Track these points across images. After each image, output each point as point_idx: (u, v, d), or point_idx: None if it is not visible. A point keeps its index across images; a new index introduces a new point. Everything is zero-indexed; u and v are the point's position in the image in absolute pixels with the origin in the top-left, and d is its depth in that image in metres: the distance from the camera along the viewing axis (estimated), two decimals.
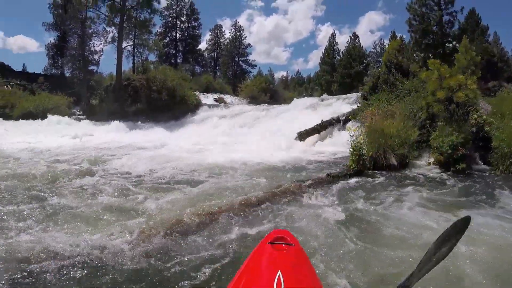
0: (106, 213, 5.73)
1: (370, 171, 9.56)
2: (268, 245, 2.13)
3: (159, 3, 33.68)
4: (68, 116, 26.55)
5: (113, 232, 4.89)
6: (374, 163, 9.86)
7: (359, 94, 20.27)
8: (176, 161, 11.04)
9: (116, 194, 7.00)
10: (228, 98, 38.56)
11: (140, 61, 36.79)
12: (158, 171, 9.34)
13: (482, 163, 10.79)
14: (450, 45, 25.01)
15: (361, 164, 9.30)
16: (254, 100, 35.28)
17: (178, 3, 56.18)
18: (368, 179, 8.79)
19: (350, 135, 9.95)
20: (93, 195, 6.85)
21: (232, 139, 17.32)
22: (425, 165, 10.65)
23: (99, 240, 4.57)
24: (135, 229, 4.98)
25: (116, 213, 5.76)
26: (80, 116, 28.47)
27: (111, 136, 19.46)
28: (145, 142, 17.13)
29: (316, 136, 15.97)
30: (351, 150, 9.56)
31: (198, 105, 30.25)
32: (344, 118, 16.09)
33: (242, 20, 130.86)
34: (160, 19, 51.95)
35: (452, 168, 9.84)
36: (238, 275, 1.91)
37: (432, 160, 10.74)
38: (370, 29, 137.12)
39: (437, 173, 9.81)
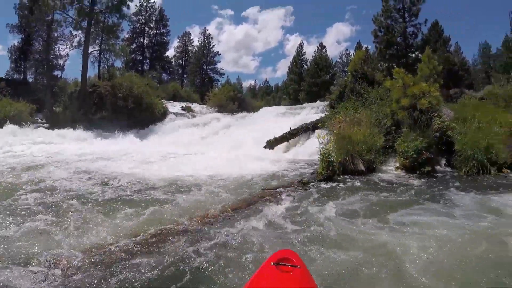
0: (15, 242, 4.84)
1: (339, 176, 9.74)
2: (273, 266, 2.11)
3: (128, 8, 32.97)
4: (21, 126, 25.02)
5: (20, 264, 4.16)
6: (343, 168, 10.07)
7: (326, 102, 20.57)
8: (123, 176, 9.63)
9: (34, 216, 5.96)
10: (195, 106, 38.27)
11: (106, 67, 36.01)
12: (93, 189, 8.11)
13: (447, 166, 11.27)
14: (413, 55, 25.85)
15: (331, 170, 9.46)
16: (222, 108, 35.21)
17: (148, 9, 55.31)
18: (337, 184, 8.98)
19: (320, 142, 10.16)
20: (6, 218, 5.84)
21: (197, 149, 17.23)
22: (392, 169, 10.95)
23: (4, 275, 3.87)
24: (52, 261, 4.28)
25: (31, 241, 4.87)
26: (42, 125, 27.36)
27: (63, 146, 18.09)
28: (98, 152, 15.47)
29: (285, 144, 16.17)
30: (321, 157, 9.72)
31: (165, 113, 29.85)
32: (312, 125, 16.32)
33: (211, 28, 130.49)
34: (128, 25, 50.79)
35: (417, 172, 10.24)
36: None
37: (398, 164, 11.06)
38: (337, 39, 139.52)
39: (403, 176, 10.12)
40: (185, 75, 62.96)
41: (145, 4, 54.79)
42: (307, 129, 16.44)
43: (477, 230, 5.35)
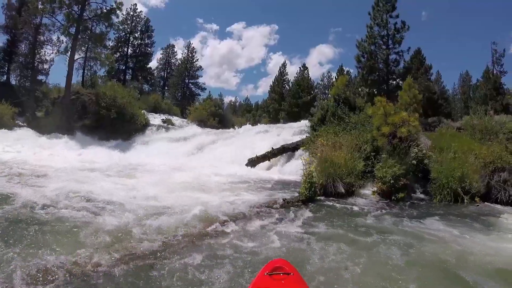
0: None
1: (320, 197, 10.11)
2: (266, 276, 2.25)
3: (118, 17, 33.06)
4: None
5: None
6: (324, 190, 10.40)
7: (307, 123, 20.87)
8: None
9: None
10: (176, 120, 38.31)
11: (89, 75, 35.85)
12: None
13: (422, 193, 11.64)
14: (394, 82, 26.47)
15: (312, 191, 9.76)
16: (202, 123, 35.26)
17: (134, 18, 55.43)
18: (319, 205, 9.32)
19: (303, 164, 10.46)
20: None
21: (182, 162, 17.36)
22: (370, 193, 11.27)
23: None
24: None
25: None
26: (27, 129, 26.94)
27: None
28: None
29: (267, 163, 16.44)
30: (304, 178, 10.02)
31: (146, 125, 29.85)
32: (293, 147, 16.64)
33: (195, 42, 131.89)
34: (113, 33, 50.70)
35: (393, 197, 10.64)
36: None
37: (375, 189, 11.41)
38: (320, 61, 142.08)
39: (380, 201, 10.47)
40: (166, 88, 62.97)
41: (131, 13, 54.83)
42: (288, 149, 16.76)
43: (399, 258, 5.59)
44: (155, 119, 35.08)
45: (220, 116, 38.97)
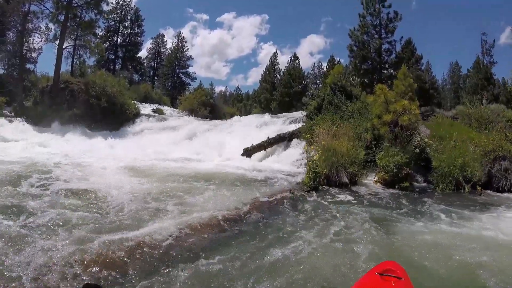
0: None
1: (325, 187, 9.98)
2: (377, 276, 2.20)
3: (108, 4, 32.28)
4: None
5: None
6: (327, 180, 10.26)
7: (303, 113, 20.73)
8: None
9: None
10: (167, 110, 37.76)
11: (78, 64, 35.12)
12: None
13: (424, 181, 11.69)
14: (386, 71, 26.52)
15: (317, 181, 9.63)
16: (193, 113, 34.82)
17: (123, 7, 54.39)
18: (324, 195, 9.18)
19: (307, 153, 10.32)
20: None
21: (179, 153, 17.08)
22: (372, 183, 11.21)
23: None
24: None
25: None
26: (11, 119, 26.24)
27: None
28: None
29: (263, 152, 16.22)
30: (308, 168, 9.88)
31: (137, 115, 29.32)
32: (289, 135, 16.47)
33: (185, 32, 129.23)
34: (102, 22, 49.62)
35: (396, 186, 10.59)
36: None
37: (377, 178, 11.34)
38: (310, 51, 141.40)
39: (384, 191, 10.38)
40: (156, 77, 62.23)
41: (121, 2, 53.86)
42: (284, 138, 16.58)
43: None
44: (145, 108, 34.46)
45: (211, 105, 38.49)
